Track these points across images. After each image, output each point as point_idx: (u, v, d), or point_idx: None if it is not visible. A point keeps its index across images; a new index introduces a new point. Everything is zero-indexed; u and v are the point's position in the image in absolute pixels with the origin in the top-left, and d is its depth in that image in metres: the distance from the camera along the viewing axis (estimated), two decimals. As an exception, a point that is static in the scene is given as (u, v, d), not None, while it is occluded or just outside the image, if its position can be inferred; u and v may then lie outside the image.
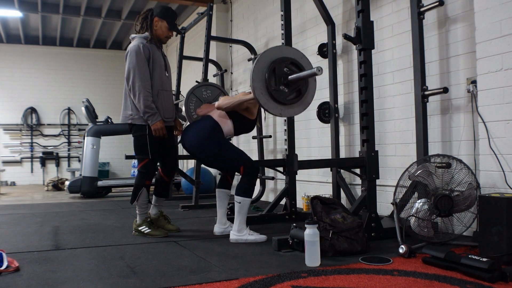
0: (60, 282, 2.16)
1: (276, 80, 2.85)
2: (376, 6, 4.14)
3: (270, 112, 2.92)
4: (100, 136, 7.23)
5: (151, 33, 3.32)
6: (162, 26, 3.33)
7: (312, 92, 3.05)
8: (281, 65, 2.87)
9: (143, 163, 3.32)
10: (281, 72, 2.87)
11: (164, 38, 3.37)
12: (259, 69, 2.83)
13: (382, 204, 3.85)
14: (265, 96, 2.84)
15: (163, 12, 3.33)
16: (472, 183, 2.77)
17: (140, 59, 3.18)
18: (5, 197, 7.43)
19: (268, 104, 2.86)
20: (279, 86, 2.86)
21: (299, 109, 3.01)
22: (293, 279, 2.14)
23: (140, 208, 3.36)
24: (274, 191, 5.96)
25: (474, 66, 3.09)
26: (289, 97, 2.92)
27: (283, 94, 2.89)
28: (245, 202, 3.13)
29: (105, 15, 8.78)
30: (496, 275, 2.05)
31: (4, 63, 10.66)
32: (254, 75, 2.81)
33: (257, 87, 2.82)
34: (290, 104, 2.94)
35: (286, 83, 2.88)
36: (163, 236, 3.32)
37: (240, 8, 7.14)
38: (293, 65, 2.92)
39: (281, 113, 2.94)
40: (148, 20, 3.31)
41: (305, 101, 3.01)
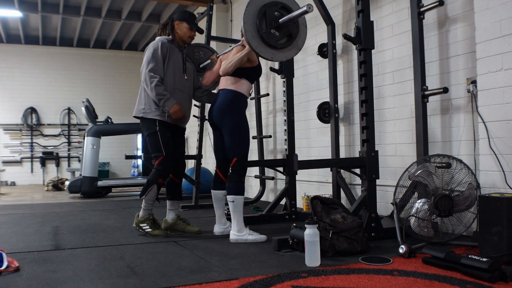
0: (60, 282, 2.16)
1: (267, 24, 2.86)
2: (376, 6, 4.14)
3: (262, 56, 2.93)
4: (100, 136, 7.23)
5: (174, 36, 3.43)
6: (183, 27, 3.43)
7: (303, 36, 3.06)
8: (272, 9, 2.88)
9: (159, 161, 3.34)
10: (272, 16, 2.88)
11: (187, 38, 3.46)
12: (250, 12, 2.83)
13: (382, 204, 3.85)
14: (256, 40, 2.85)
15: (182, 14, 3.48)
16: (472, 183, 2.77)
17: (156, 54, 3.28)
18: (5, 197, 7.43)
19: (259, 47, 2.87)
20: (270, 29, 2.87)
21: (290, 53, 3.02)
22: (293, 279, 2.14)
23: (146, 203, 3.39)
24: (274, 191, 5.96)
25: (474, 66, 3.09)
26: (280, 41, 2.93)
27: (274, 37, 2.90)
28: (238, 200, 3.14)
29: (105, 15, 8.78)
30: (496, 275, 2.05)
31: (4, 63, 10.65)
32: (245, 18, 2.82)
33: (248, 30, 2.82)
34: (281, 48, 2.95)
35: (277, 26, 2.89)
36: (163, 236, 3.32)
37: (240, 8, 7.14)
38: (284, 9, 2.93)
39: (272, 56, 2.95)
40: (169, 26, 3.45)
41: (296, 45, 3.02)
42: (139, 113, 3.38)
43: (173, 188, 3.55)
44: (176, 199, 3.55)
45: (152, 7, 8.64)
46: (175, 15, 3.49)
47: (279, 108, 5.87)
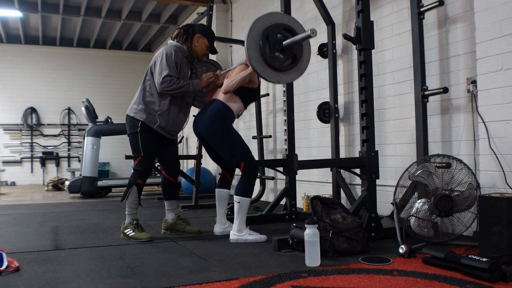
0: (60, 282, 2.16)
1: (270, 47, 2.84)
2: (376, 6, 4.14)
3: (267, 80, 2.92)
4: (100, 136, 7.23)
5: (188, 47, 3.35)
6: (202, 43, 3.37)
7: (307, 57, 3.04)
8: (275, 32, 2.86)
9: (138, 160, 3.30)
10: (275, 39, 2.85)
11: (202, 55, 3.42)
12: (252, 38, 2.81)
13: (382, 204, 3.85)
14: (262, 65, 2.84)
15: (206, 30, 3.43)
16: (472, 183, 2.77)
17: (170, 59, 3.19)
18: (5, 197, 7.42)
19: (265, 72, 2.85)
20: (274, 52, 2.85)
21: (295, 74, 3.00)
22: (293, 279, 2.14)
23: (129, 208, 3.30)
24: (274, 191, 5.96)
25: (474, 66, 3.09)
26: (285, 63, 2.92)
27: (279, 60, 2.88)
28: (244, 202, 3.13)
29: (105, 15, 8.78)
30: (496, 275, 2.05)
31: (4, 63, 10.65)
32: (249, 44, 2.80)
33: (252, 56, 2.80)
34: (286, 71, 2.93)
35: (281, 49, 2.87)
36: (147, 240, 3.19)
37: (240, 8, 7.14)
38: (286, 30, 2.91)
39: (278, 79, 2.94)
40: (189, 34, 3.35)
41: (301, 67, 3.01)
42: (130, 111, 3.32)
43: (169, 188, 3.52)
44: (173, 199, 3.53)
45: (152, 7, 8.64)
46: (197, 27, 3.41)
47: (279, 108, 5.87)
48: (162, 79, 3.14)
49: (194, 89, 3.25)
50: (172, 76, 3.15)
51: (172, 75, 3.15)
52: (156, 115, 3.25)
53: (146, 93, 3.29)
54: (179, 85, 3.17)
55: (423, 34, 3.38)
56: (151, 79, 3.29)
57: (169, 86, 3.14)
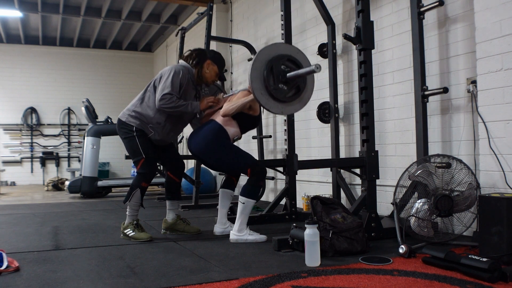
0: (60, 282, 2.16)
1: (274, 79, 2.84)
2: (376, 6, 4.14)
3: (271, 111, 2.92)
4: (100, 136, 7.23)
5: (197, 71, 3.35)
6: (213, 70, 3.39)
7: (311, 88, 3.04)
8: (278, 63, 2.86)
9: (140, 164, 3.27)
10: (278, 70, 2.85)
11: (210, 81, 3.43)
12: (256, 69, 2.81)
13: (382, 204, 3.85)
14: (265, 96, 2.84)
15: (217, 57, 3.45)
16: (472, 183, 2.77)
17: (177, 80, 3.17)
18: (5, 197, 7.42)
19: (268, 103, 2.86)
20: (278, 84, 2.85)
21: (299, 105, 3.01)
22: (293, 279, 2.14)
23: (130, 209, 3.30)
24: (274, 191, 5.96)
25: (474, 66, 3.09)
26: (289, 95, 2.92)
27: (282, 92, 2.88)
28: (249, 203, 3.12)
29: (105, 15, 8.78)
30: (496, 275, 2.05)
31: (4, 63, 10.65)
32: (253, 75, 2.80)
33: (256, 88, 2.81)
34: (289, 102, 2.93)
35: (285, 80, 2.87)
36: (147, 240, 3.20)
37: (240, 8, 7.14)
38: (290, 61, 2.91)
39: (282, 111, 2.94)
40: (201, 59, 3.35)
41: (305, 98, 3.01)
42: (123, 115, 3.30)
43: (172, 187, 3.52)
44: (175, 199, 3.53)
45: (152, 7, 8.64)
46: (209, 53, 3.42)
47: (279, 108, 5.85)
48: (162, 95, 3.12)
49: (192, 111, 3.22)
50: (172, 94, 3.13)
51: (172, 94, 3.13)
52: (148, 127, 3.24)
53: (143, 104, 3.27)
54: (177, 104, 3.14)
55: (423, 34, 3.38)
56: (152, 92, 3.27)
57: (167, 103, 3.12)
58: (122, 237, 3.30)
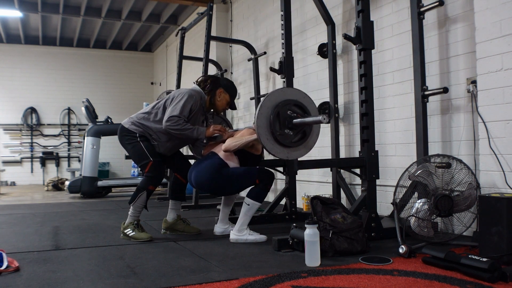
0: (60, 282, 2.16)
1: (280, 124, 2.82)
2: (376, 6, 4.14)
3: (276, 157, 2.89)
4: (100, 136, 7.23)
5: (210, 98, 3.37)
6: (224, 99, 3.40)
7: (317, 133, 3.01)
8: (285, 108, 2.83)
9: (149, 167, 3.25)
10: (285, 116, 2.83)
11: (221, 109, 3.45)
12: (263, 115, 2.79)
13: (382, 204, 3.85)
14: (271, 142, 2.81)
15: (229, 86, 3.46)
16: (472, 183, 2.77)
17: (188, 106, 3.18)
18: (5, 197, 7.43)
19: (274, 149, 2.83)
20: (284, 130, 2.83)
21: (304, 150, 2.97)
22: (293, 279, 2.14)
23: (133, 210, 3.29)
24: (274, 191, 5.95)
25: (474, 66, 3.09)
26: (294, 140, 2.90)
27: (288, 137, 2.86)
28: (254, 206, 3.12)
29: (105, 15, 8.78)
30: (496, 275, 2.05)
31: (4, 63, 10.65)
32: (259, 121, 2.77)
33: (262, 134, 2.78)
34: (295, 147, 2.91)
35: (291, 126, 2.85)
36: (147, 240, 3.20)
37: (240, 8, 7.14)
38: (297, 106, 2.88)
39: (287, 156, 2.91)
40: (213, 87, 3.37)
41: (310, 143, 2.97)
42: (127, 123, 3.31)
43: (178, 188, 3.51)
44: (179, 199, 3.53)
45: (152, 7, 8.64)
46: (222, 81, 3.45)
47: (279, 108, 5.85)
48: (170, 117, 3.13)
49: (197, 136, 3.22)
50: (180, 117, 3.13)
51: (180, 117, 3.13)
52: (151, 139, 3.27)
53: (150, 118, 3.28)
54: (183, 127, 3.14)
55: (423, 34, 3.38)
56: (160, 110, 3.27)
57: (174, 125, 3.12)
58: (122, 237, 3.30)
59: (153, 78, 11.95)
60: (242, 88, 6.91)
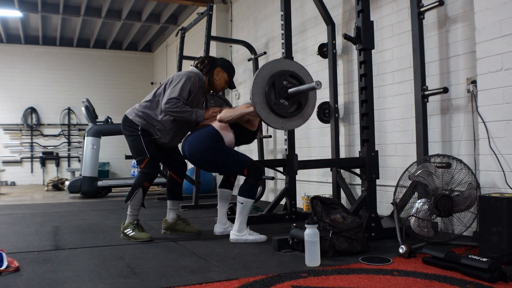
0: (60, 282, 2.16)
1: (276, 94, 2.84)
2: (376, 6, 4.15)
3: (272, 126, 2.92)
4: (100, 136, 7.23)
5: (208, 78, 3.38)
6: (222, 78, 3.41)
7: (313, 104, 3.04)
8: (280, 79, 2.86)
9: (145, 163, 3.28)
10: (280, 86, 2.85)
11: (220, 88, 3.45)
12: (258, 84, 2.81)
13: (382, 204, 3.85)
14: (266, 111, 2.84)
15: (227, 65, 3.46)
16: (472, 183, 2.77)
17: (186, 87, 3.19)
18: (5, 197, 7.43)
19: (269, 118, 2.85)
20: (279, 99, 2.85)
21: (300, 121, 3.00)
22: (293, 279, 2.14)
23: (131, 208, 3.30)
24: (274, 191, 5.96)
25: (474, 66, 3.09)
26: (290, 110, 2.92)
27: (283, 107, 2.88)
28: (248, 203, 3.12)
29: (105, 15, 8.78)
30: (496, 275, 2.05)
31: (4, 63, 10.65)
32: (254, 90, 2.79)
33: (257, 102, 2.80)
34: (291, 117, 2.93)
35: (286, 96, 2.87)
36: (147, 240, 3.20)
37: (240, 8, 7.14)
38: (292, 77, 2.90)
39: (282, 126, 2.94)
40: (210, 67, 3.37)
41: (306, 114, 3.00)
42: (130, 114, 3.31)
43: (174, 188, 3.52)
44: (177, 199, 3.53)
45: (152, 7, 8.64)
46: (219, 60, 3.44)
47: (279, 108, 5.86)
48: (169, 99, 3.13)
49: (196, 119, 3.21)
50: (179, 99, 3.14)
51: (179, 99, 3.14)
52: (155, 129, 3.26)
53: (153, 106, 3.29)
54: (182, 109, 3.14)
55: (423, 34, 3.38)
56: (162, 95, 3.27)
57: (172, 107, 3.13)
58: (122, 237, 3.30)
59: (153, 78, 11.95)
60: (242, 88, 6.91)
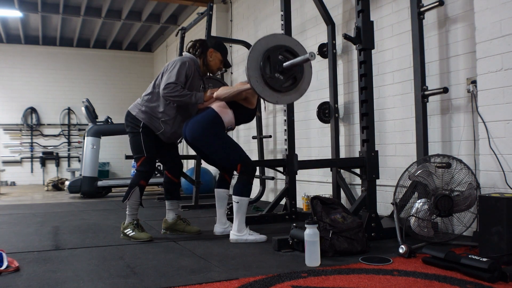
0: (60, 282, 2.16)
1: (271, 68, 2.86)
2: (376, 6, 4.15)
3: (266, 100, 2.93)
4: (100, 136, 7.23)
5: (202, 61, 3.39)
6: (216, 58, 3.41)
7: (308, 79, 3.04)
8: (276, 53, 2.87)
9: (140, 162, 3.30)
10: (275, 60, 2.86)
11: (216, 69, 3.45)
12: (253, 58, 2.82)
13: (382, 204, 3.85)
14: (261, 84, 2.85)
15: (218, 44, 3.47)
16: (472, 183, 2.77)
17: (183, 71, 3.19)
18: (5, 197, 7.42)
19: (264, 92, 2.87)
20: (274, 73, 2.87)
21: (295, 96, 3.01)
22: (293, 279, 2.14)
23: (130, 208, 3.30)
24: (274, 191, 5.95)
25: (474, 66, 3.09)
26: (285, 85, 2.93)
27: (278, 81, 2.89)
28: (243, 201, 3.13)
29: (105, 15, 8.78)
30: (496, 275, 2.05)
31: (4, 63, 10.65)
32: (249, 63, 2.81)
33: (252, 76, 2.82)
34: (286, 92, 2.94)
35: (281, 70, 2.88)
36: (147, 240, 3.20)
37: (240, 8, 7.14)
38: (288, 52, 2.92)
39: (277, 100, 2.94)
40: (202, 50, 3.38)
41: (301, 88, 3.01)
42: (133, 110, 3.33)
43: (171, 188, 3.52)
44: (175, 199, 3.53)
45: (152, 7, 8.64)
46: (210, 42, 3.43)
47: (279, 108, 5.86)
48: (166, 85, 3.14)
49: (196, 102, 3.22)
50: (177, 84, 3.15)
51: (177, 83, 3.15)
52: (160, 121, 3.27)
53: (153, 98, 3.30)
54: (181, 93, 3.15)
55: (423, 34, 3.38)
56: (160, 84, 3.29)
57: (171, 92, 3.14)
58: (122, 237, 3.31)
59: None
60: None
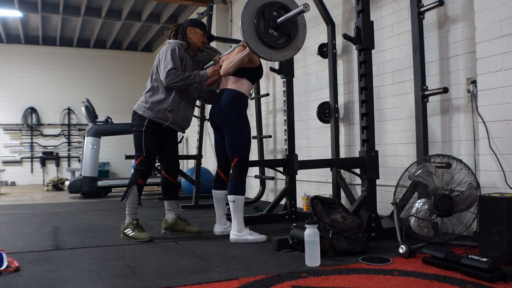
0: (60, 282, 2.16)
1: (265, 24, 2.87)
2: (376, 6, 4.15)
3: (260, 56, 2.94)
4: (100, 136, 7.23)
5: (187, 42, 3.40)
6: (197, 33, 3.41)
7: (302, 36, 3.05)
8: (271, 9, 2.88)
9: (138, 160, 3.33)
10: (270, 16, 2.88)
11: (201, 44, 3.45)
12: (248, 13, 2.84)
13: (382, 204, 3.85)
14: (255, 40, 2.86)
15: (194, 21, 3.47)
16: (472, 183, 2.77)
17: (175, 55, 3.23)
18: (5, 197, 7.42)
19: (257, 47, 2.88)
20: (268, 29, 2.87)
21: (289, 53, 3.02)
22: (293, 279, 2.14)
23: (129, 207, 3.30)
24: (274, 191, 5.96)
25: (474, 66, 3.09)
26: (279, 41, 2.94)
27: (272, 37, 2.90)
28: (239, 200, 3.13)
29: (105, 15, 8.78)
30: (496, 275, 2.05)
31: (4, 63, 10.65)
32: (243, 18, 2.82)
33: (246, 30, 2.82)
34: (280, 48, 2.95)
35: (276, 26, 2.89)
36: (147, 240, 3.20)
37: (240, 8, 7.13)
38: (283, 9, 2.93)
39: (270, 56, 2.95)
40: (181, 32, 3.40)
41: (295, 45, 3.02)
42: (139, 109, 3.35)
43: (169, 188, 3.52)
44: (173, 199, 3.53)
45: (152, 7, 8.64)
46: (184, 23, 3.45)
47: (279, 108, 5.87)
48: (167, 72, 3.17)
49: (200, 80, 3.28)
50: (176, 68, 3.18)
51: (176, 68, 3.18)
52: (167, 112, 3.28)
53: (154, 92, 3.32)
54: (184, 76, 3.19)
55: (423, 34, 3.38)
56: (158, 77, 3.31)
57: (175, 78, 3.17)
58: (122, 237, 3.31)
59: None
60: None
